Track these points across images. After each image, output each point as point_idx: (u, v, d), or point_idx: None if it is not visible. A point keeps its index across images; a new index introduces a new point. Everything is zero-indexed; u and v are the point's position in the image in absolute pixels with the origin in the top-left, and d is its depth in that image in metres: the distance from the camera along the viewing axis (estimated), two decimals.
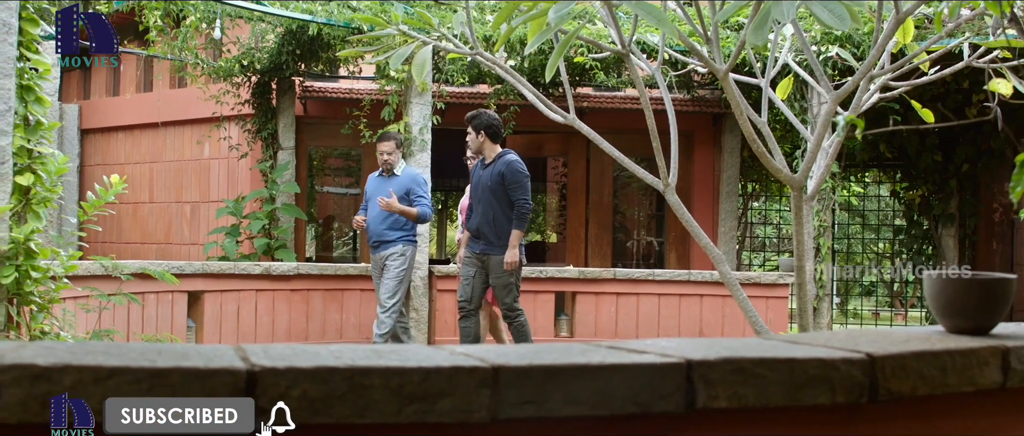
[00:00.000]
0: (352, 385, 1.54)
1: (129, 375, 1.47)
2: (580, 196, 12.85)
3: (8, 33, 4.13)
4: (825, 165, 4.44)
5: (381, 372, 1.55)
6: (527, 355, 1.68)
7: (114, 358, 1.51)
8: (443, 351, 1.69)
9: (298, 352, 1.62)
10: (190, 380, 1.49)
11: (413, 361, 1.59)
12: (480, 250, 7.75)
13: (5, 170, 4.14)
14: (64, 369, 1.46)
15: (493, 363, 1.60)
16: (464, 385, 1.58)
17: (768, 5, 3.03)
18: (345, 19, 9.28)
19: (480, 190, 7.78)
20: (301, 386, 1.52)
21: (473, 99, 10.90)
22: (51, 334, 4.30)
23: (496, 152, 7.79)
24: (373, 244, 8.49)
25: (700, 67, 5.26)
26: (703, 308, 9.71)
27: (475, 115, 7.85)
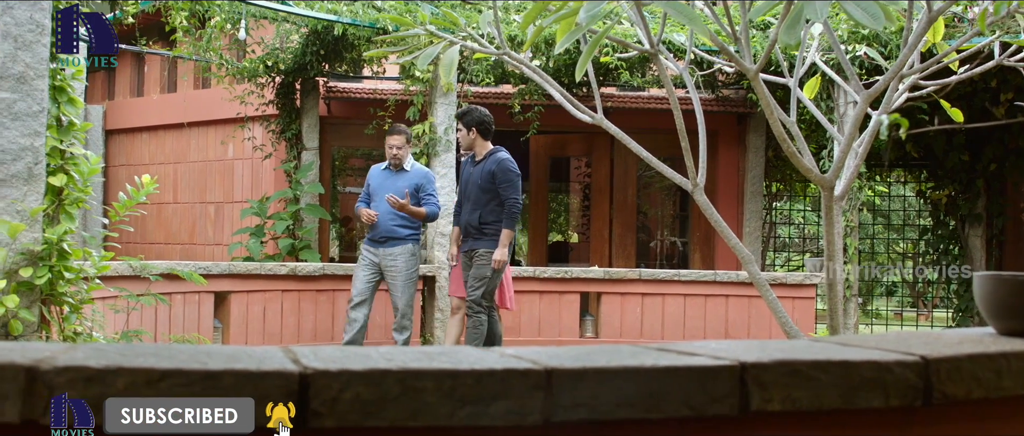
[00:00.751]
0: (405, 388, 1.52)
1: (182, 377, 1.46)
2: (604, 196, 12.82)
3: (41, 34, 4.14)
4: (855, 165, 4.41)
5: (434, 374, 1.53)
6: (579, 357, 1.66)
7: (165, 360, 1.49)
8: (493, 353, 1.68)
9: (347, 354, 1.61)
10: (242, 382, 1.47)
11: (465, 363, 1.57)
12: (468, 247, 7.72)
13: (38, 171, 4.15)
14: (117, 371, 1.44)
15: (546, 365, 1.58)
16: (517, 388, 1.56)
17: (800, 4, 3.01)
18: (370, 19, 9.28)
19: (469, 187, 7.72)
20: (354, 388, 1.50)
21: (498, 99, 10.89)
22: (83, 334, 4.30)
23: (487, 149, 7.74)
24: (379, 239, 8.26)
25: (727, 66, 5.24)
26: (729, 309, 9.67)
27: (466, 111, 7.81)
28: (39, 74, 4.15)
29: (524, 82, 10.56)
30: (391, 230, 8.22)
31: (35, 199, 4.14)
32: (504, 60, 4.96)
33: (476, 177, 7.64)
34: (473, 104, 10.11)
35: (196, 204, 12.87)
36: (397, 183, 8.23)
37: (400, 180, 8.27)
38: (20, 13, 4.12)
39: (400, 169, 8.36)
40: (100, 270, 4.35)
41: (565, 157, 14.20)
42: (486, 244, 7.59)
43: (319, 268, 9.01)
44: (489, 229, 7.61)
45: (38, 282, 4.05)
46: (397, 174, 8.34)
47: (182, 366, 1.47)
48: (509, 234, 7.62)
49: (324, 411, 1.49)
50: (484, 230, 7.62)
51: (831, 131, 4.85)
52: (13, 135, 4.11)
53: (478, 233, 7.63)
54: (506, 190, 7.56)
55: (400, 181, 8.25)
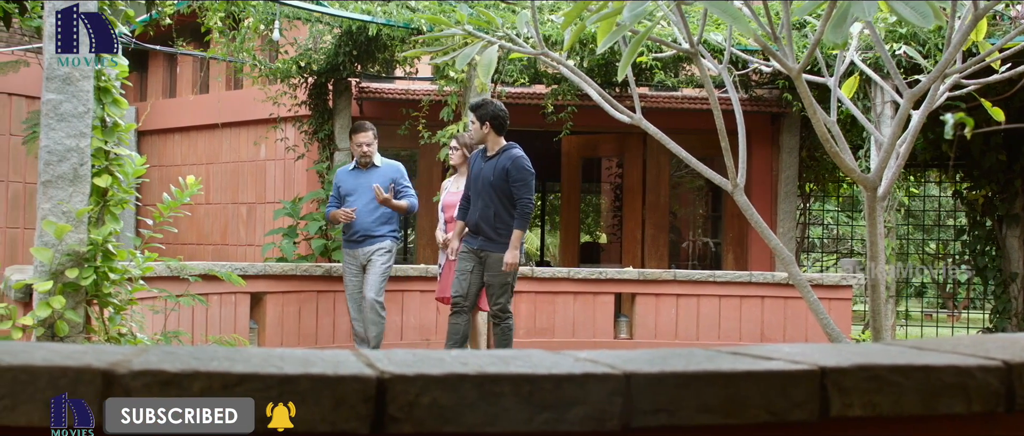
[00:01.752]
0: (482, 393, 1.50)
1: (259, 381, 1.44)
2: (636, 197, 12.78)
3: None
4: (898, 165, 4.36)
5: (512, 379, 1.51)
6: (656, 361, 1.64)
7: (240, 364, 1.48)
8: (567, 357, 1.65)
9: (421, 358, 1.58)
10: (319, 387, 1.46)
11: (542, 368, 1.54)
12: (478, 246, 7.43)
13: (84, 172, 4.15)
14: (194, 375, 1.43)
15: (624, 370, 1.55)
16: (596, 393, 1.54)
17: (847, 3, 2.97)
18: (404, 20, 9.27)
19: (481, 183, 7.42)
20: (431, 393, 1.48)
21: (531, 99, 10.87)
22: (127, 335, 4.31)
23: (500, 145, 7.45)
24: (357, 239, 8.13)
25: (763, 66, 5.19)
26: (765, 310, 9.61)
27: (481, 104, 7.53)
28: (85, 75, 4.16)
29: (557, 82, 10.53)
30: (369, 228, 8.11)
31: (80, 200, 4.15)
32: (541, 60, 4.93)
33: (488, 173, 7.37)
34: (505, 102, 10.10)
35: (228, 205, 12.91)
36: (371, 180, 8.10)
37: (373, 177, 8.14)
38: None
39: (370, 166, 8.26)
40: (145, 271, 4.35)
41: (596, 158, 14.15)
42: (501, 248, 7.33)
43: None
44: (504, 230, 7.37)
45: (84, 283, 4.06)
46: (368, 172, 8.23)
47: (259, 370, 1.45)
48: (520, 235, 7.39)
49: (401, 416, 1.47)
50: (499, 231, 7.36)
51: (872, 131, 4.80)
52: (59, 136, 4.12)
53: (494, 234, 7.37)
54: (520, 189, 7.31)
55: (373, 178, 8.12)
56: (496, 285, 7.39)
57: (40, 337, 4.08)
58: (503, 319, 7.49)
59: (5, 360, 1.42)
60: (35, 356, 1.46)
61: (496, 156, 7.39)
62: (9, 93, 11.11)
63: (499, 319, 7.51)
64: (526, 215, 7.35)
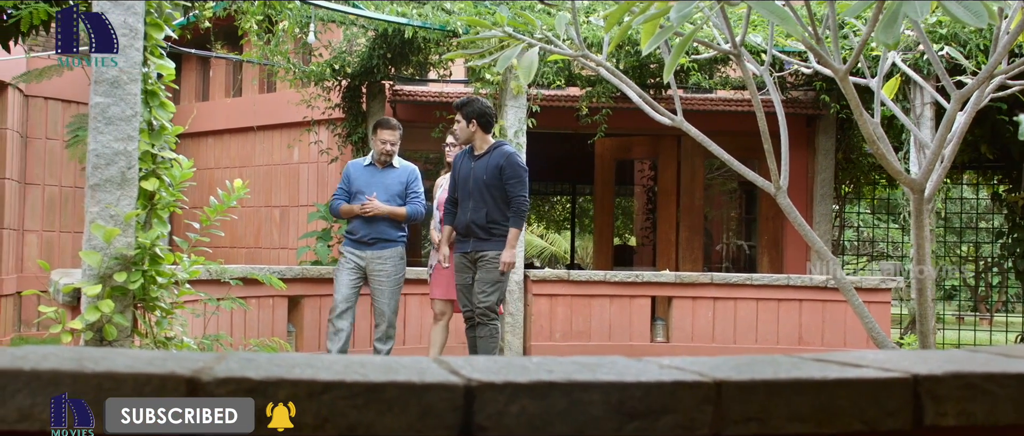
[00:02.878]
0: (571, 401, 1.47)
1: (344, 389, 1.42)
2: (670, 199, 12.71)
3: (134, 38, 4.14)
4: (943, 167, 4.30)
5: (601, 387, 1.48)
6: (744, 368, 1.60)
7: (322, 371, 1.45)
8: (651, 364, 1.62)
9: (503, 365, 1.56)
10: (406, 395, 1.43)
11: (630, 375, 1.51)
12: (471, 249, 7.13)
13: (132, 175, 4.14)
14: (279, 383, 1.41)
15: (714, 377, 1.52)
16: (686, 401, 1.50)
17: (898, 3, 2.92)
18: (440, 22, 9.25)
19: (471, 183, 7.12)
20: (520, 402, 1.45)
21: (567, 101, 10.84)
22: (175, 339, 4.30)
23: (488, 143, 7.20)
24: (367, 240, 7.70)
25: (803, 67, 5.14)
26: (802, 314, 9.54)
27: (467, 101, 7.24)
28: (132, 78, 4.15)
29: (592, 84, 10.49)
30: (383, 231, 7.73)
31: (128, 204, 4.14)
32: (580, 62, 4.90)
33: (480, 172, 7.08)
34: (541, 105, 10.05)
35: (261, 208, 12.92)
36: (386, 180, 7.80)
37: (388, 177, 7.83)
38: (114, 18, 4.12)
39: (387, 165, 7.89)
40: (192, 275, 4.35)
41: (630, 160, 14.09)
42: (495, 246, 7.05)
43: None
44: (498, 230, 7.07)
45: (132, 287, 4.05)
46: (383, 171, 7.86)
47: (344, 378, 1.43)
48: (517, 234, 7.09)
49: (489, 425, 1.44)
50: (492, 231, 7.07)
51: (915, 132, 4.75)
52: (107, 139, 4.11)
53: (485, 234, 7.06)
54: (515, 187, 7.04)
55: (388, 178, 7.82)
56: (487, 282, 7.05)
57: (88, 341, 4.08)
58: (489, 321, 7.09)
59: (89, 367, 1.40)
60: (118, 363, 1.44)
61: (486, 154, 7.13)
62: (45, 97, 11.17)
63: (485, 320, 7.09)
64: (522, 213, 7.09)
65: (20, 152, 10.98)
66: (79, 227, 11.41)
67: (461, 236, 7.19)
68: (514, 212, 7.03)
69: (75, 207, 11.56)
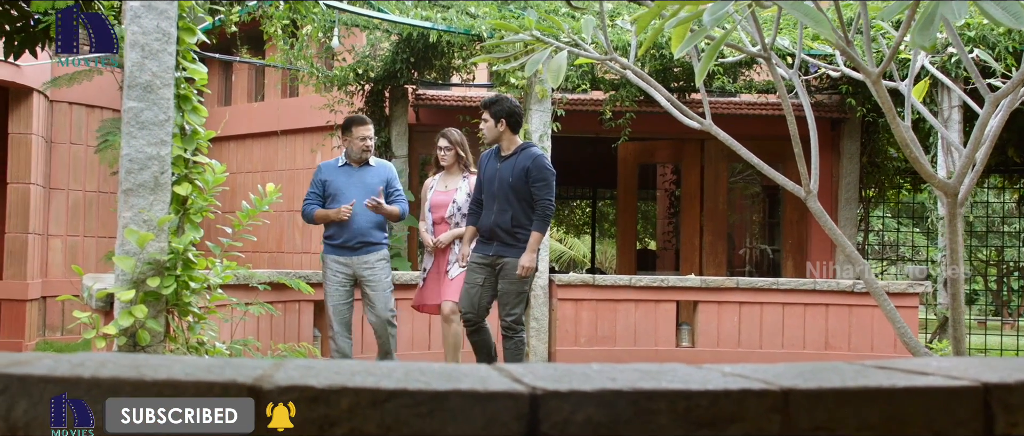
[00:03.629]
0: (638, 409, 1.44)
1: (408, 398, 1.40)
2: (694, 203, 12.67)
3: (167, 43, 4.13)
4: (976, 171, 4.26)
5: (667, 395, 1.45)
6: (809, 376, 1.57)
7: (384, 379, 1.43)
8: (713, 372, 1.59)
9: (566, 373, 1.53)
10: (470, 403, 1.41)
11: (697, 383, 1.48)
12: (493, 253, 6.83)
13: (165, 180, 4.13)
14: (341, 391, 1.39)
15: (782, 386, 1.49)
16: (754, 410, 1.47)
17: (935, 4, 2.88)
18: (465, 26, 9.24)
19: (497, 185, 6.83)
20: (585, 410, 1.43)
21: (590, 106, 10.82)
22: (207, 345, 4.29)
23: (515, 144, 6.91)
24: (352, 245, 7.18)
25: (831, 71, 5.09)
26: (829, 318, 9.47)
27: (495, 100, 6.95)
28: (165, 83, 4.14)
29: (615, 88, 10.47)
30: (367, 233, 7.21)
31: (161, 208, 4.13)
32: (606, 65, 4.86)
33: (506, 174, 6.80)
34: (565, 109, 10.02)
35: (284, 212, 12.92)
36: (364, 179, 7.30)
37: (366, 176, 7.32)
38: (147, 22, 4.11)
39: (364, 164, 7.38)
40: (224, 279, 4.33)
41: (652, 164, 14.06)
42: (519, 254, 6.77)
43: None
44: (523, 234, 6.78)
45: (165, 292, 4.04)
46: (360, 170, 7.34)
47: (407, 386, 1.41)
48: (539, 238, 6.80)
49: (554, 434, 1.41)
50: (517, 235, 6.79)
51: (946, 135, 4.70)
52: (140, 144, 4.10)
53: (510, 238, 6.79)
54: (541, 190, 6.75)
55: (368, 177, 7.31)
56: (511, 293, 6.79)
57: (122, 346, 4.07)
58: (515, 333, 6.84)
59: (149, 375, 1.39)
60: (176, 371, 1.43)
61: (513, 155, 6.87)
62: (70, 102, 11.20)
63: (511, 333, 6.84)
64: (547, 217, 6.80)
65: (45, 157, 11.02)
66: (103, 232, 11.48)
67: (484, 239, 6.94)
68: (539, 216, 6.76)
69: (99, 212, 11.59)
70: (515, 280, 6.74)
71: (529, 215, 6.79)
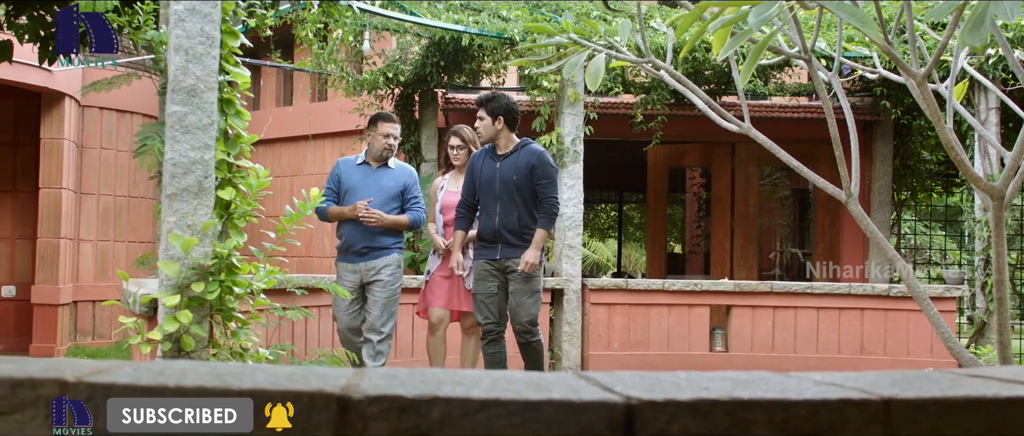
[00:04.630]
0: (735, 419, 1.40)
1: (500, 407, 1.36)
2: (725, 207, 12.59)
3: (211, 46, 4.11)
4: (1021, 174, 4.20)
5: (765, 405, 1.41)
6: (907, 384, 1.52)
7: (473, 389, 1.40)
8: (806, 380, 1.54)
9: (657, 381, 1.49)
10: (564, 413, 1.37)
11: (793, 392, 1.44)
12: (500, 256, 6.58)
13: (208, 184, 4.11)
14: (433, 401, 1.36)
15: (882, 395, 1.44)
16: (854, 420, 1.43)
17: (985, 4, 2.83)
18: (497, 29, 9.21)
19: (498, 185, 6.59)
20: (682, 420, 1.39)
21: (619, 109, 10.77)
22: (251, 351, 4.27)
23: (513, 141, 6.69)
24: (360, 251, 6.81)
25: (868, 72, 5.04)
26: (864, 323, 9.39)
27: (491, 97, 6.71)
28: (209, 86, 4.13)
29: (646, 92, 10.43)
30: (376, 239, 6.82)
31: (205, 213, 4.11)
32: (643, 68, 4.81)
33: (508, 173, 6.56)
34: (597, 112, 9.97)
35: (313, 216, 12.92)
36: (381, 181, 6.89)
37: (384, 178, 6.92)
38: (191, 26, 4.10)
39: (383, 165, 6.98)
40: (268, 284, 4.31)
41: (682, 167, 13.99)
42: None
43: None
44: (530, 234, 6.56)
45: (209, 297, 4.02)
46: (378, 171, 6.93)
47: (500, 396, 1.37)
48: (545, 235, 6.59)
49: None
50: (525, 236, 6.56)
51: (988, 138, 4.64)
52: (184, 148, 4.09)
53: (518, 239, 6.56)
54: (547, 188, 6.56)
55: (384, 179, 6.91)
56: (524, 293, 6.55)
57: (167, 352, 4.05)
58: (533, 335, 6.61)
59: (234, 384, 1.36)
60: (260, 379, 1.40)
61: (513, 154, 6.65)
62: (100, 107, 11.25)
63: (528, 336, 6.61)
64: (553, 215, 6.64)
65: (76, 162, 11.06)
66: (133, 237, 11.51)
67: (486, 242, 6.65)
68: (545, 213, 6.57)
69: (129, 217, 11.63)
70: (529, 280, 6.54)
71: (533, 214, 6.59)
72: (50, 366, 1.43)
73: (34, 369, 1.40)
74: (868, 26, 3.08)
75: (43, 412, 1.36)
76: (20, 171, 11.09)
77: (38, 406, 1.36)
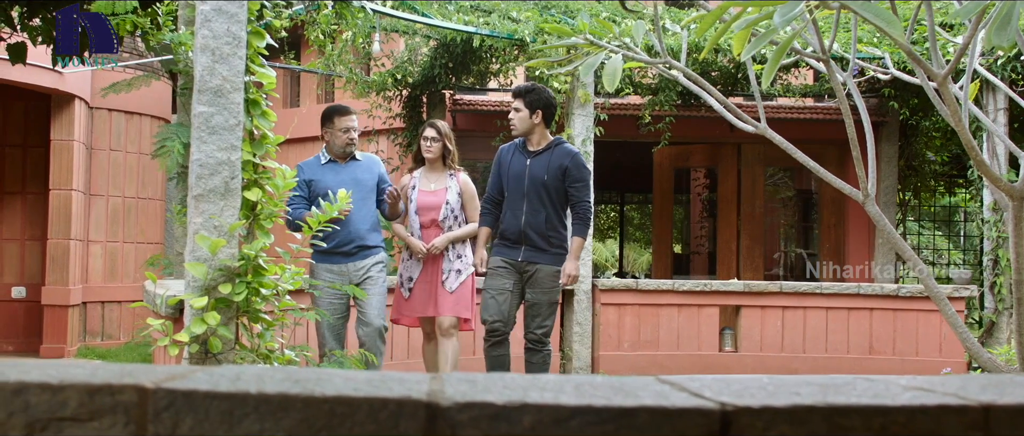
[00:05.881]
0: (831, 426, 1.38)
1: (593, 415, 1.34)
2: (731, 207, 12.59)
3: (238, 47, 4.08)
4: None
5: (862, 411, 1.39)
6: (999, 390, 1.50)
7: (564, 395, 1.37)
8: (894, 385, 1.52)
9: (745, 387, 1.47)
10: (659, 420, 1.35)
11: (887, 398, 1.42)
12: (523, 258, 6.22)
13: (235, 185, 4.08)
14: (523, 408, 1.33)
15: (981, 402, 1.42)
16: (953, 427, 1.41)
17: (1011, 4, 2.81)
18: (508, 30, 9.19)
19: (528, 183, 6.22)
20: (778, 427, 1.36)
21: (626, 110, 10.77)
22: (276, 352, 4.24)
23: (547, 139, 6.34)
24: (349, 251, 6.33)
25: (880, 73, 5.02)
26: (873, 323, 9.39)
27: (531, 88, 6.33)
28: (235, 87, 4.10)
29: (654, 92, 10.43)
30: (364, 237, 6.41)
31: (231, 214, 4.08)
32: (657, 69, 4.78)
33: (539, 171, 6.21)
34: (607, 113, 9.94)
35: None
36: (356, 175, 6.45)
37: (358, 171, 6.48)
38: (218, 26, 4.07)
39: (350, 159, 6.52)
40: (294, 285, 4.29)
41: (687, 168, 13.99)
42: (552, 260, 6.23)
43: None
44: (556, 238, 6.24)
45: (236, 299, 3.99)
46: (347, 166, 6.48)
47: (593, 403, 1.34)
48: (582, 243, 6.27)
49: None
50: (551, 239, 6.23)
51: (1002, 138, 4.62)
52: (210, 149, 4.06)
53: (544, 242, 6.21)
54: (581, 191, 6.23)
55: (358, 172, 6.48)
56: (543, 304, 6.24)
57: (194, 354, 4.03)
58: (543, 346, 6.29)
59: (318, 391, 1.33)
60: (340, 385, 1.37)
61: (546, 151, 6.29)
62: (109, 109, 11.23)
63: (539, 346, 6.28)
64: (588, 221, 6.31)
65: (85, 163, 11.05)
66: (141, 238, 11.49)
67: (509, 242, 6.29)
68: (580, 219, 6.25)
69: (138, 218, 11.62)
70: (548, 289, 6.23)
71: (562, 217, 6.29)
72: (124, 372, 1.41)
73: (109, 375, 1.38)
74: (892, 26, 3.06)
75: (122, 419, 1.33)
76: (30, 172, 11.07)
77: (117, 413, 1.34)
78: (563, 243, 6.29)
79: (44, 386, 1.33)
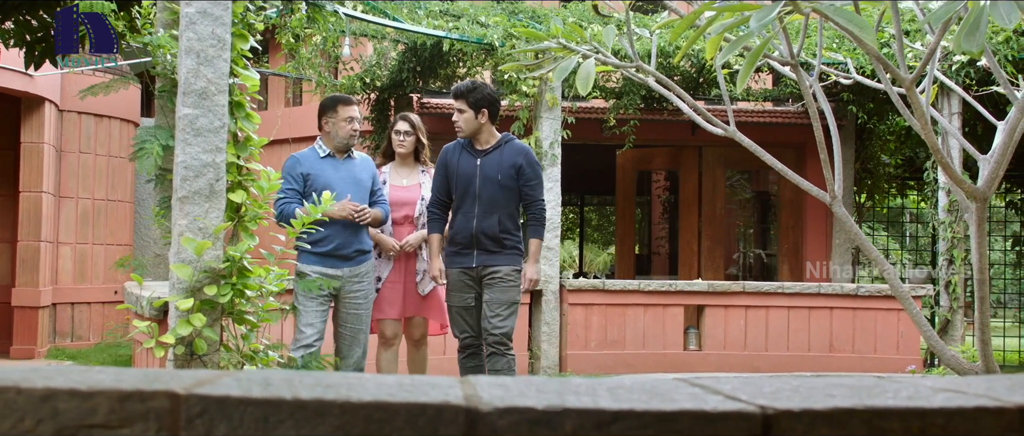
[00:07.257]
0: (871, 429, 1.41)
1: (635, 419, 1.35)
2: (692, 209, 12.71)
3: (222, 49, 4.07)
4: (999, 175, 4.29)
5: (900, 414, 1.42)
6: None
7: (601, 399, 1.39)
8: (923, 387, 1.56)
9: (780, 389, 1.50)
10: (700, 424, 1.37)
11: (921, 399, 1.45)
12: (477, 264, 5.92)
13: (219, 187, 4.08)
14: (564, 412, 1.34)
15: (1017, 403, 1.45)
16: (990, 428, 1.44)
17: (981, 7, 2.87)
18: (477, 35, 9.23)
19: (479, 183, 5.91)
20: (819, 430, 1.39)
21: (591, 113, 10.83)
22: (260, 354, 4.24)
23: (495, 137, 6.05)
24: (346, 254, 5.89)
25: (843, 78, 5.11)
26: (833, 322, 9.56)
27: (473, 87, 6.00)
28: (220, 89, 4.09)
29: (618, 96, 10.52)
30: (362, 241, 6.01)
31: (216, 216, 4.07)
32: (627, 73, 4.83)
33: (491, 171, 5.91)
34: (573, 116, 9.98)
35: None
36: (354, 173, 6.06)
37: (355, 170, 6.09)
38: (202, 29, 4.06)
39: (347, 156, 6.13)
40: (279, 287, 4.29)
41: (650, 171, 14.11)
42: (507, 261, 5.91)
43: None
44: (510, 241, 5.93)
45: (221, 300, 3.99)
46: (346, 162, 6.08)
47: (634, 407, 1.37)
48: (540, 245, 6.05)
49: None
50: (504, 242, 5.91)
51: (961, 141, 4.72)
52: (195, 151, 4.05)
53: (496, 246, 5.90)
54: (535, 189, 5.97)
55: (356, 171, 6.09)
56: (501, 303, 5.89)
57: (179, 355, 4.02)
58: (505, 351, 5.93)
59: (354, 397, 1.32)
60: (373, 391, 1.37)
61: (496, 150, 6.01)
62: (79, 112, 11.23)
63: (502, 349, 5.92)
64: (544, 221, 6.10)
65: (55, 166, 11.02)
66: (111, 240, 11.46)
67: (461, 247, 5.98)
68: (536, 220, 6.01)
69: (107, 220, 11.60)
70: (507, 290, 5.91)
71: (515, 217, 6.03)
72: (153, 377, 1.39)
73: (138, 381, 1.37)
74: (866, 31, 3.13)
75: (154, 426, 1.31)
76: (0, 175, 11.03)
77: (148, 420, 1.31)
78: (517, 244, 6.03)
79: (73, 393, 1.30)
